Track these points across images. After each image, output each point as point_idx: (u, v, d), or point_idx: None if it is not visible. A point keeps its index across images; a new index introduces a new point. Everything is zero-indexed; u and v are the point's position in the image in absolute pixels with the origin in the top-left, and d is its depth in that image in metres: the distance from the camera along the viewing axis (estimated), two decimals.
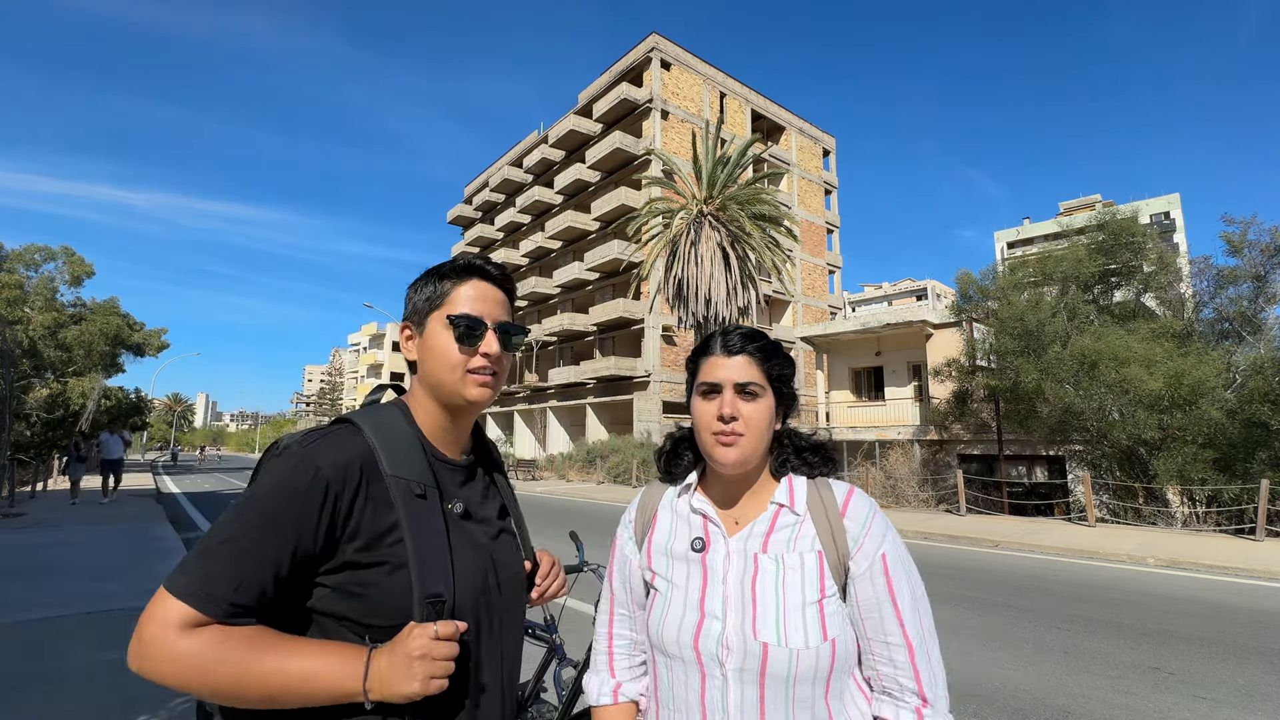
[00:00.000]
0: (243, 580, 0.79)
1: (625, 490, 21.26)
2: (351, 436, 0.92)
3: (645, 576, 1.10)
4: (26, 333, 21.50)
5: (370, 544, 0.87)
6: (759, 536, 1.02)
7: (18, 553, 7.96)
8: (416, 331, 1.01)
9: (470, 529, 0.99)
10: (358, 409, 1.00)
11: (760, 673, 0.93)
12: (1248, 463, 11.08)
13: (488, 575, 0.98)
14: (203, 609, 0.77)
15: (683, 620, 1.00)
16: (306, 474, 0.84)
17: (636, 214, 21.93)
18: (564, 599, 3.32)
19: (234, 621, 0.79)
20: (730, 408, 1.00)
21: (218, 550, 0.80)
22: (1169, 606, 6.13)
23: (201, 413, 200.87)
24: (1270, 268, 13.56)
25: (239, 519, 0.82)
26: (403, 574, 0.87)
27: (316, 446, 0.87)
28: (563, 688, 2.77)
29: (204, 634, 0.77)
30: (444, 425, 1.01)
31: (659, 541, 1.10)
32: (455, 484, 1.01)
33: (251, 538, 0.81)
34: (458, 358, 0.97)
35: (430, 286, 1.01)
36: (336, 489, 0.85)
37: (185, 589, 0.78)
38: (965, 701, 3.84)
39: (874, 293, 77.32)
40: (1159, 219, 60.62)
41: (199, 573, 0.79)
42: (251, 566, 0.80)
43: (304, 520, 0.83)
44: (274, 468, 0.86)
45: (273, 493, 0.84)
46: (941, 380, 16.84)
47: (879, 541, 0.99)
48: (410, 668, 0.80)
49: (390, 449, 0.92)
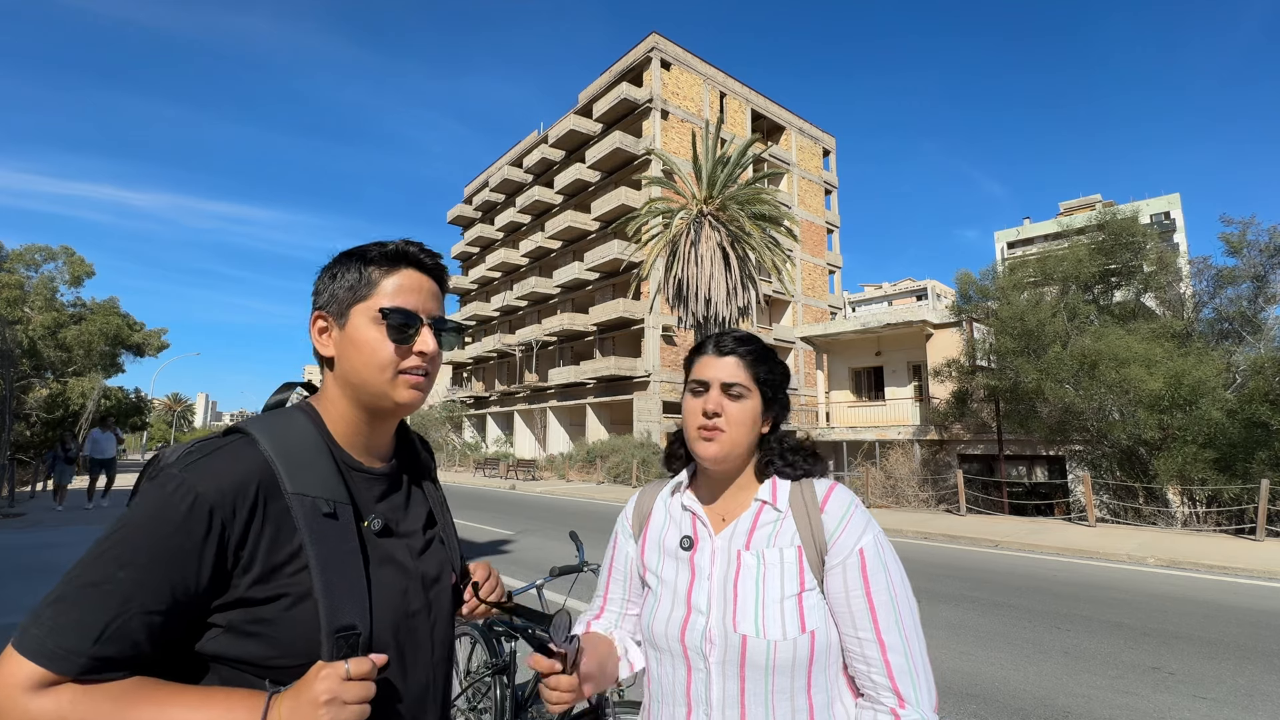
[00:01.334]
0: (105, 630, 0.67)
1: (625, 490, 21.25)
2: (243, 450, 0.79)
3: (639, 572, 1.16)
4: (26, 333, 21.51)
5: (267, 575, 0.76)
6: (743, 534, 1.06)
7: (18, 553, 7.96)
8: (335, 324, 0.88)
9: (390, 546, 0.88)
10: (258, 414, 0.90)
11: (740, 664, 0.97)
12: (1248, 463, 11.08)
13: (412, 599, 0.88)
14: (53, 667, 0.66)
15: (671, 615, 1.04)
16: (185, 501, 0.72)
17: (636, 214, 21.92)
18: (564, 599, 3.32)
19: (98, 677, 0.68)
20: (714, 404, 1.05)
21: (76, 596, 0.68)
22: (1169, 606, 6.13)
23: (201, 413, 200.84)
24: (1270, 268, 13.56)
25: (103, 557, 0.70)
26: (307, 605, 0.76)
27: (199, 466, 0.75)
28: None
29: (60, 693, 0.66)
30: (361, 430, 0.90)
31: (653, 538, 1.15)
32: (373, 497, 0.90)
33: (117, 579, 0.69)
34: (389, 356, 0.86)
35: (354, 273, 0.88)
36: (224, 515, 0.74)
37: (34, 645, 0.66)
38: (965, 702, 3.84)
39: (874, 293, 77.33)
40: (1159, 219, 60.64)
41: (51, 623, 0.67)
42: (117, 613, 0.68)
43: (183, 556, 0.71)
44: (147, 494, 0.75)
45: (145, 524, 0.72)
46: (941, 380, 16.84)
47: (857, 536, 1.00)
48: (315, 714, 0.68)
49: (292, 462, 0.80)
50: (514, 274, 43.82)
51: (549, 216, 39.69)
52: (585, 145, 37.17)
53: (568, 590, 3.57)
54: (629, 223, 22.10)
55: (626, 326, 33.34)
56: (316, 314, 0.90)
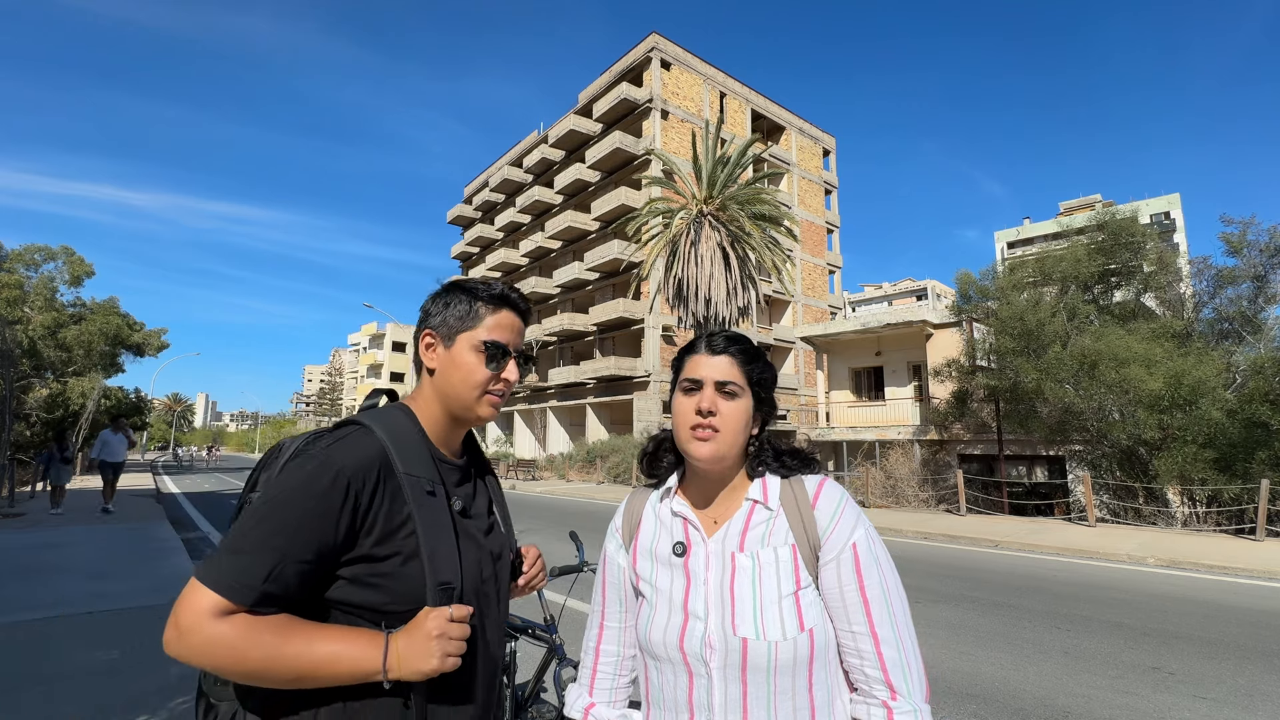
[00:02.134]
0: (271, 572, 0.86)
1: (625, 490, 21.26)
2: (366, 436, 0.97)
3: (632, 581, 1.13)
4: (26, 333, 21.51)
5: (385, 537, 0.94)
6: (736, 535, 1.05)
7: (18, 553, 7.96)
8: (442, 343, 1.08)
9: (467, 524, 1.06)
10: (359, 412, 1.07)
11: (742, 668, 0.96)
12: (1248, 463, 11.08)
13: (484, 567, 1.06)
14: (234, 598, 0.84)
15: (668, 623, 1.03)
16: (329, 474, 0.91)
17: (636, 214, 21.92)
18: (564, 599, 3.32)
19: (262, 610, 0.86)
20: (709, 403, 1.04)
21: (249, 544, 0.87)
22: (1169, 606, 6.13)
23: (201, 413, 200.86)
24: (1270, 268, 13.56)
25: (269, 516, 0.88)
26: (415, 563, 0.94)
27: (336, 447, 0.94)
28: (562, 688, 2.76)
29: (235, 621, 0.84)
30: (446, 430, 1.09)
31: (643, 546, 1.13)
32: (454, 483, 1.08)
33: (280, 534, 0.87)
34: (482, 379, 1.06)
35: (464, 305, 1.08)
36: (357, 487, 0.92)
37: (218, 580, 0.85)
38: (965, 701, 3.83)
39: (874, 293, 77.33)
40: (1159, 219, 60.66)
41: (232, 565, 0.86)
42: (280, 560, 0.86)
43: (328, 517, 0.89)
44: (296, 468, 0.93)
45: (298, 492, 0.90)
46: (941, 380, 16.84)
47: (849, 531, 1.00)
48: (428, 647, 0.88)
49: (402, 449, 0.99)
50: (514, 274, 43.81)
51: (549, 216, 39.68)
52: (585, 145, 37.16)
53: (568, 590, 3.57)
54: (629, 223, 22.10)
55: (626, 326, 33.34)
56: (426, 332, 1.10)
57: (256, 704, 0.92)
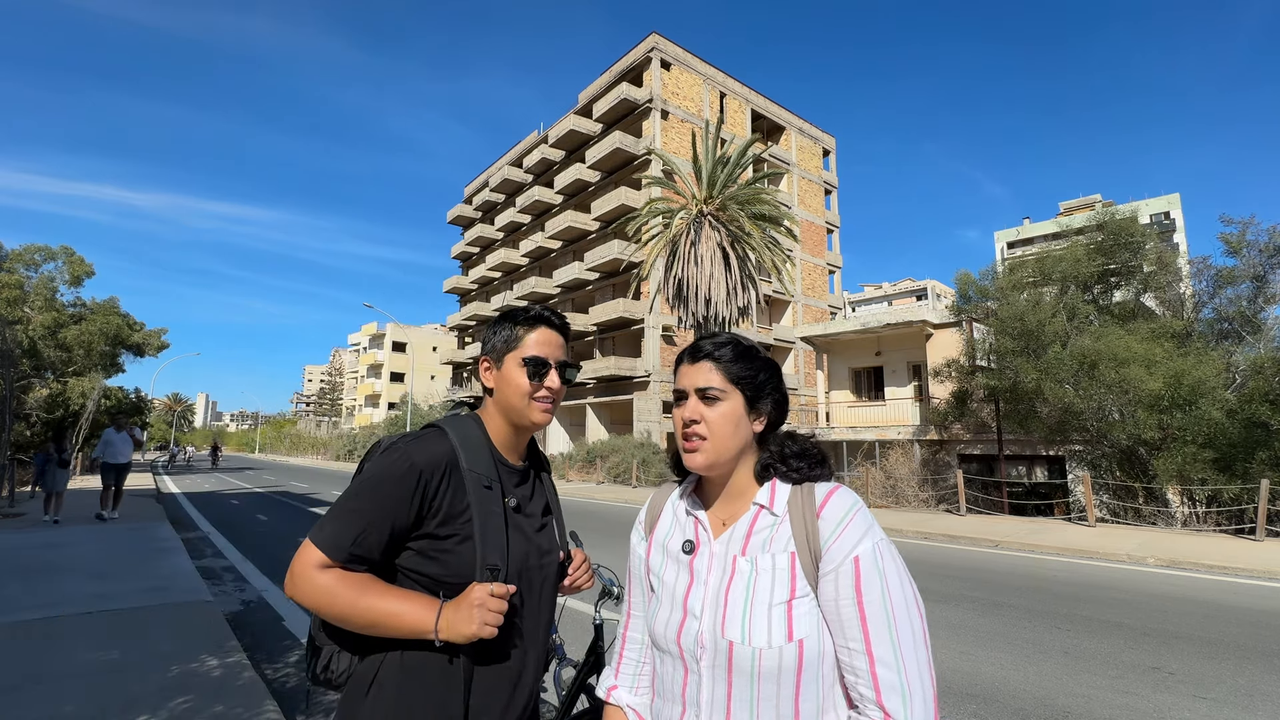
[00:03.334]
0: (358, 537, 1.09)
1: (625, 490, 21.25)
2: (440, 438, 1.20)
3: (645, 573, 1.18)
4: (26, 333, 21.50)
5: (447, 520, 1.14)
6: (739, 539, 1.05)
7: (18, 553, 7.96)
8: (495, 365, 1.29)
9: (520, 520, 1.24)
10: (443, 418, 1.30)
11: (728, 669, 0.98)
12: (1248, 463, 11.07)
13: (531, 558, 1.23)
14: (331, 555, 1.08)
15: (670, 617, 1.06)
16: (405, 464, 1.13)
17: (636, 214, 21.91)
18: (564, 599, 3.32)
19: (351, 567, 1.10)
20: (690, 412, 1.07)
21: (343, 515, 1.11)
22: (1169, 606, 6.13)
23: (201, 413, 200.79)
24: (1269, 268, 13.56)
25: (360, 494, 1.12)
26: (469, 545, 1.14)
27: (414, 444, 1.16)
28: (562, 688, 2.76)
29: (331, 574, 1.08)
30: (509, 437, 1.28)
31: (658, 540, 1.17)
32: (512, 483, 1.26)
33: (366, 509, 1.11)
34: (527, 389, 1.24)
35: (507, 331, 1.28)
36: (428, 478, 1.13)
37: (322, 540, 1.09)
38: (965, 702, 3.84)
39: (874, 293, 77.32)
40: (1159, 219, 60.64)
41: (331, 529, 1.10)
42: (365, 529, 1.09)
43: (403, 499, 1.11)
44: (384, 457, 1.15)
45: (382, 476, 1.12)
46: (941, 380, 16.84)
47: (853, 543, 0.96)
48: (471, 613, 1.05)
49: (468, 450, 1.20)
50: (514, 274, 43.81)
51: (549, 216, 39.67)
52: (585, 145, 37.14)
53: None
54: (629, 223, 22.10)
55: (626, 326, 33.34)
56: (483, 358, 1.32)
57: (346, 644, 1.15)
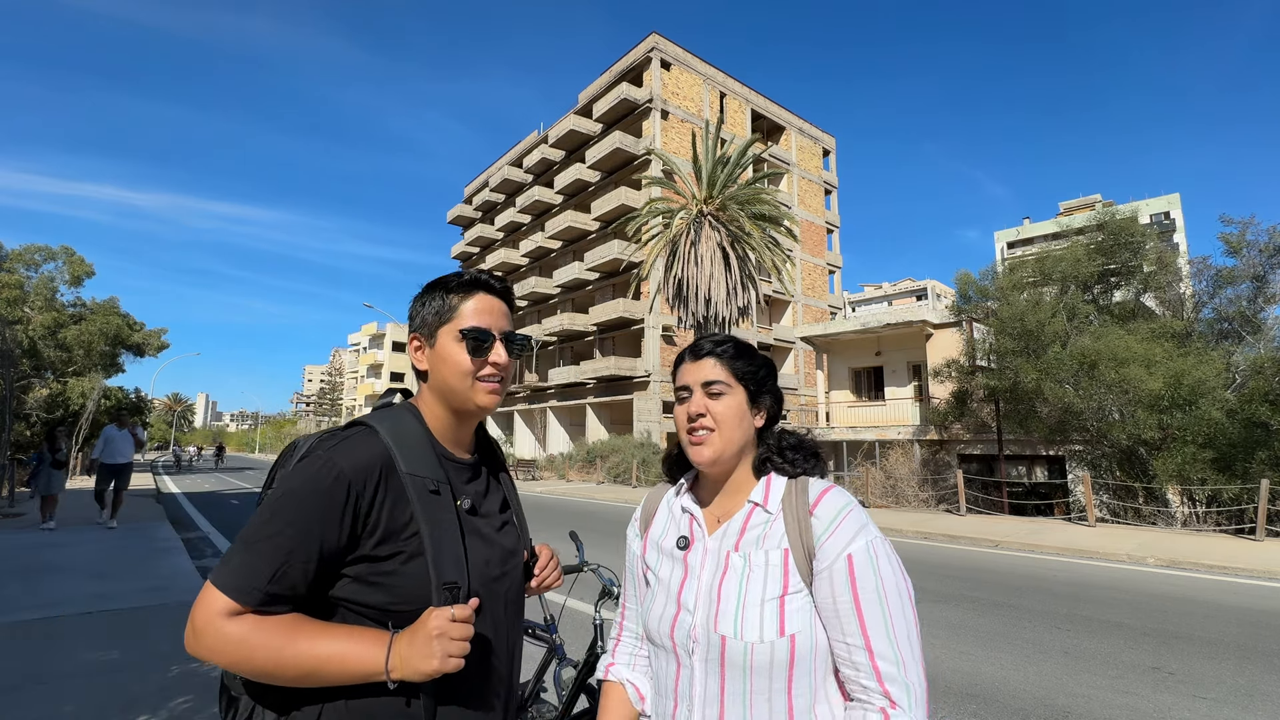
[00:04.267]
0: (275, 573, 0.88)
1: (625, 490, 21.25)
2: (369, 438, 0.99)
3: (642, 570, 1.20)
4: (26, 333, 21.50)
5: (387, 537, 0.94)
6: (733, 535, 1.07)
7: (18, 553, 7.96)
8: (427, 343, 1.08)
9: (476, 523, 1.06)
10: (370, 412, 1.08)
11: (720, 663, 0.99)
12: (1247, 463, 11.08)
13: (493, 565, 1.06)
14: (242, 600, 0.87)
15: (664, 611, 1.08)
16: (330, 474, 0.92)
17: (636, 214, 21.92)
18: (564, 599, 3.32)
19: (269, 610, 0.88)
20: (698, 406, 1.08)
21: (255, 546, 0.89)
22: (1169, 606, 6.13)
23: (201, 413, 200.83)
24: (1269, 268, 13.57)
25: (273, 517, 0.90)
26: (418, 563, 0.95)
27: (339, 449, 0.95)
28: (563, 688, 2.76)
29: (244, 622, 0.87)
30: (452, 427, 1.08)
31: (654, 538, 1.19)
32: (462, 481, 1.07)
33: (285, 534, 0.89)
34: (468, 367, 1.04)
35: (438, 301, 1.07)
36: (358, 488, 0.93)
37: (226, 582, 0.88)
38: (965, 702, 3.83)
39: (874, 293, 77.31)
40: (1159, 219, 60.63)
41: (239, 566, 0.88)
42: (284, 560, 0.88)
43: (329, 517, 0.91)
44: (301, 469, 0.94)
45: (300, 492, 0.92)
46: (941, 380, 16.84)
47: (846, 540, 0.98)
48: (429, 647, 0.87)
49: (405, 449, 0.99)
50: (514, 274, 43.80)
51: (549, 216, 39.66)
52: (585, 145, 37.14)
53: (568, 590, 3.57)
54: (629, 223, 22.10)
55: (626, 326, 33.33)
56: (412, 336, 1.10)
57: (270, 699, 0.94)
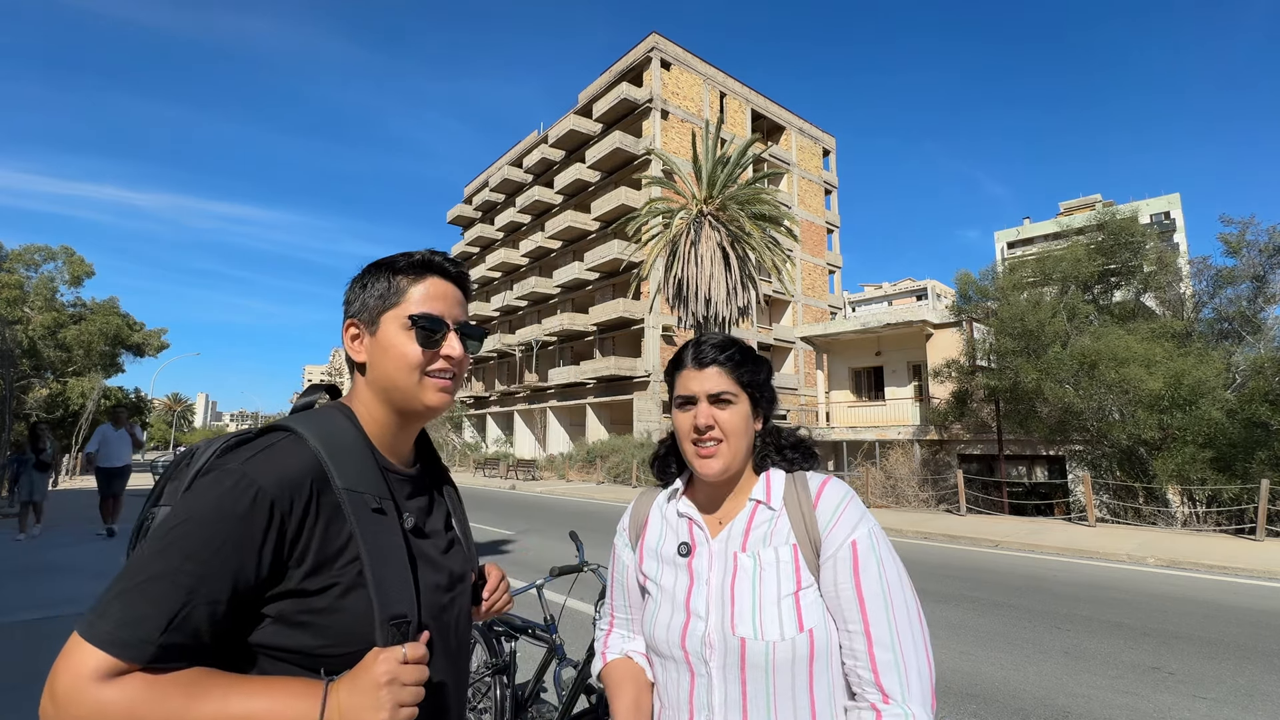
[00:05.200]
0: (173, 619, 0.68)
1: (625, 490, 21.25)
2: (295, 446, 0.81)
3: (639, 580, 1.15)
4: (26, 333, 21.52)
5: (319, 566, 0.78)
6: (739, 535, 1.04)
7: (18, 553, 7.96)
8: (366, 331, 0.92)
9: (422, 545, 0.92)
10: (289, 413, 0.91)
11: (741, 667, 0.96)
12: (1247, 463, 11.08)
13: (440, 593, 0.92)
14: (124, 655, 0.67)
15: (671, 621, 1.04)
16: (248, 494, 0.74)
17: (636, 214, 21.92)
18: (564, 599, 3.32)
19: (164, 666, 0.69)
20: (705, 418, 1.04)
21: (143, 587, 0.69)
22: (1169, 606, 6.13)
23: (201, 413, 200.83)
24: (1269, 268, 13.57)
25: (168, 549, 0.71)
26: (358, 595, 0.79)
27: (256, 461, 0.77)
28: (563, 688, 2.76)
29: (129, 682, 0.67)
30: (393, 432, 0.93)
31: (650, 546, 1.14)
32: (404, 495, 0.92)
33: (185, 570, 0.70)
34: (417, 359, 0.89)
35: (383, 283, 0.92)
36: (283, 509, 0.76)
37: (104, 635, 0.67)
38: (965, 701, 3.84)
39: (874, 293, 77.30)
40: (1159, 219, 60.61)
41: (120, 615, 0.68)
42: (184, 602, 0.69)
43: (246, 546, 0.73)
44: (206, 488, 0.75)
45: (208, 516, 0.73)
46: (941, 380, 16.84)
47: (850, 529, 0.98)
48: (376, 696, 0.72)
49: (339, 459, 0.82)
50: (514, 274, 43.81)
51: (549, 216, 39.68)
52: (585, 145, 37.15)
53: (568, 590, 3.57)
54: (629, 223, 22.10)
55: (626, 326, 33.34)
56: (349, 322, 0.94)
57: None
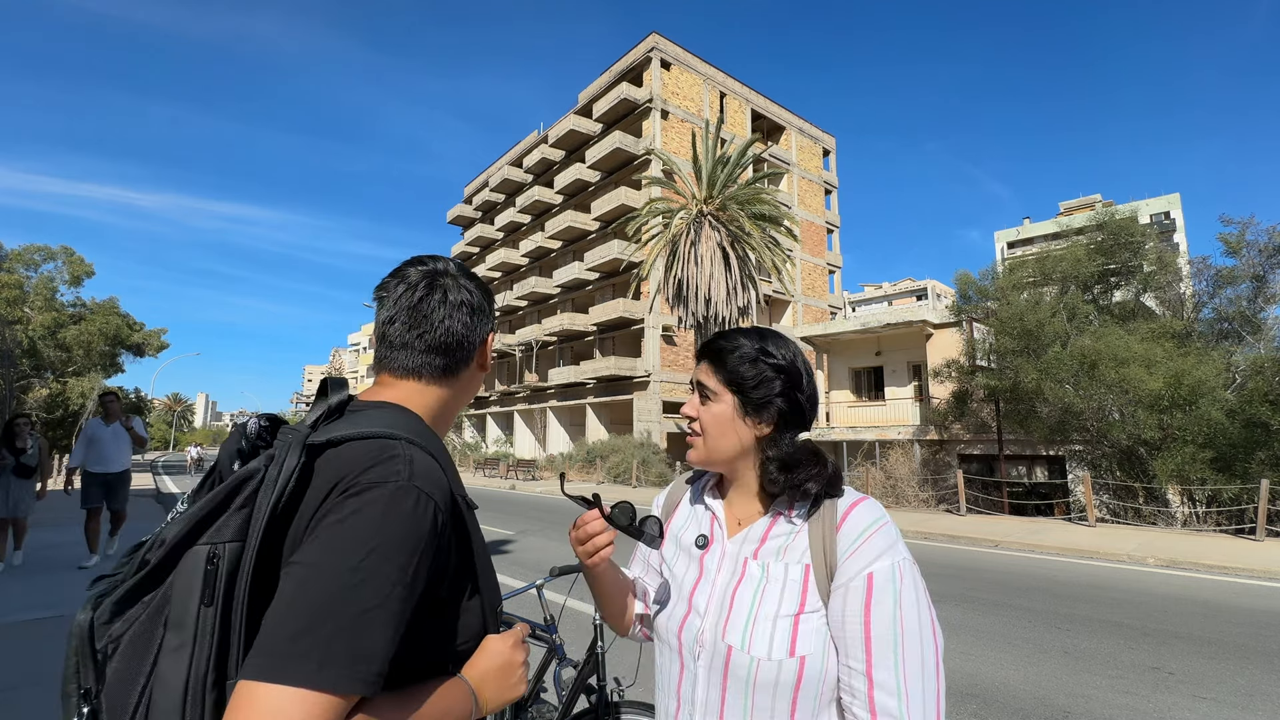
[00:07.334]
0: (388, 645, 0.67)
1: (625, 490, 21.24)
2: (424, 455, 0.79)
3: (657, 563, 1.17)
4: (26, 333, 21.52)
5: (458, 574, 0.80)
6: (754, 541, 1.01)
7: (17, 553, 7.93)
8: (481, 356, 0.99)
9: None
10: (364, 414, 0.82)
11: (724, 673, 0.94)
12: (1247, 463, 11.09)
13: None
14: (358, 690, 0.63)
15: (674, 610, 1.04)
16: (429, 512, 0.73)
17: (636, 214, 21.94)
18: (564, 599, 3.32)
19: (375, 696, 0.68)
20: (689, 408, 1.07)
21: (366, 619, 0.65)
22: (1169, 606, 6.14)
23: (201, 413, 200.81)
24: (1269, 268, 13.59)
25: (374, 576, 0.66)
26: (477, 599, 0.83)
27: (422, 475, 0.75)
28: (563, 688, 2.76)
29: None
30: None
31: (673, 531, 1.15)
32: None
33: (395, 595, 0.67)
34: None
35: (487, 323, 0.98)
36: (445, 520, 0.76)
37: (337, 678, 0.62)
38: (965, 701, 3.84)
39: (874, 293, 77.30)
40: (1159, 219, 60.61)
41: (349, 653, 0.63)
42: (396, 629, 0.68)
43: (432, 565, 0.73)
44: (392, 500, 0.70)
45: (402, 537, 0.70)
46: (941, 380, 16.85)
47: (870, 559, 0.90)
48: (511, 676, 0.83)
49: (449, 467, 0.84)
50: (514, 274, 43.81)
51: (549, 216, 39.67)
52: (585, 145, 37.15)
53: (568, 590, 3.56)
54: (629, 223, 22.12)
55: (626, 326, 33.33)
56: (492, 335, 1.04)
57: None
